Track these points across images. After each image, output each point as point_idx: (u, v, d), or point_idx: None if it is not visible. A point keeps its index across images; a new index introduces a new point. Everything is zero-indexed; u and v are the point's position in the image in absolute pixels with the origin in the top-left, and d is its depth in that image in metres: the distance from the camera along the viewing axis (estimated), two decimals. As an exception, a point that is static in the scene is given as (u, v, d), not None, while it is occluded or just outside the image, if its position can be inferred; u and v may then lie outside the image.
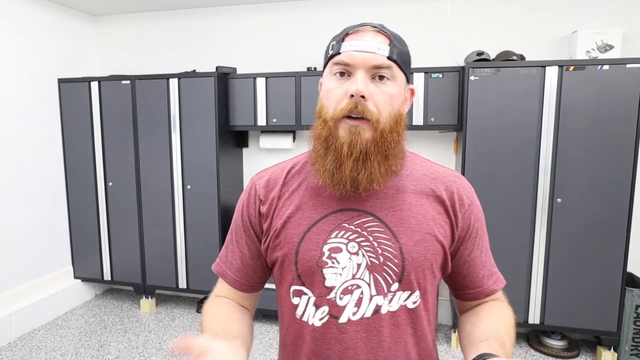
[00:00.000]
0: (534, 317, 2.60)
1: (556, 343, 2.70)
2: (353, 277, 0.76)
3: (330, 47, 0.78)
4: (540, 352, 2.70)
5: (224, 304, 0.87)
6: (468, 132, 2.56)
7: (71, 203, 3.36)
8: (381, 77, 0.74)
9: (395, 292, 0.76)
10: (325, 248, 0.77)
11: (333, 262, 0.76)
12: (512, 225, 2.57)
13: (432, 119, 2.76)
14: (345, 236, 0.77)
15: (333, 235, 0.77)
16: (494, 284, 0.86)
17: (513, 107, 2.49)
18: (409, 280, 0.76)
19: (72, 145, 3.29)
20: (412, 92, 0.84)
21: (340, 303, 0.76)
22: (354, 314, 0.75)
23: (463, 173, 2.60)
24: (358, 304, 0.75)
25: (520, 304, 2.61)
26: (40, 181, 3.15)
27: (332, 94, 0.75)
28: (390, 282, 0.76)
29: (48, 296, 3.16)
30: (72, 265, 3.44)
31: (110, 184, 3.25)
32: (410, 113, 2.78)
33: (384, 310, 0.76)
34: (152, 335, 2.95)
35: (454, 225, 0.80)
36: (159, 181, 3.15)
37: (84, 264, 3.41)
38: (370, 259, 0.76)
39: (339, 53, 0.75)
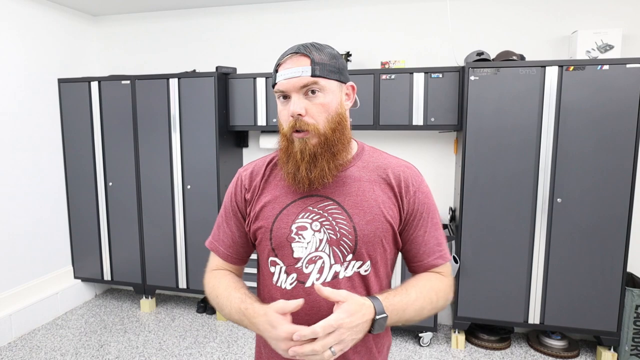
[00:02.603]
0: (534, 317, 2.60)
1: (556, 343, 2.70)
2: (316, 250, 0.93)
3: (273, 76, 0.96)
4: (540, 352, 2.70)
5: (226, 275, 1.04)
6: (468, 132, 2.56)
7: (71, 203, 3.36)
8: (313, 91, 0.91)
9: (350, 261, 0.94)
10: (294, 226, 0.95)
11: (300, 238, 0.94)
12: (512, 225, 2.57)
13: (432, 119, 2.76)
14: (310, 217, 0.95)
15: (300, 216, 0.95)
16: (434, 259, 1.00)
17: (513, 107, 2.49)
18: (360, 252, 0.94)
19: (72, 145, 3.29)
20: (353, 87, 0.99)
21: (306, 271, 0.93)
22: (317, 279, 0.93)
23: (463, 173, 2.60)
24: (320, 271, 0.93)
25: (520, 304, 2.61)
26: (40, 181, 3.15)
27: (281, 115, 0.95)
28: (346, 253, 0.93)
29: (48, 296, 3.16)
30: (72, 265, 3.44)
31: (110, 184, 3.25)
32: (410, 113, 2.78)
33: (341, 276, 0.93)
34: (152, 335, 2.95)
35: (400, 207, 0.97)
36: (159, 181, 3.15)
37: (84, 264, 3.41)
38: (330, 235, 0.93)
39: (276, 83, 0.94)
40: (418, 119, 2.77)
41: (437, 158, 3.07)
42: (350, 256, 0.93)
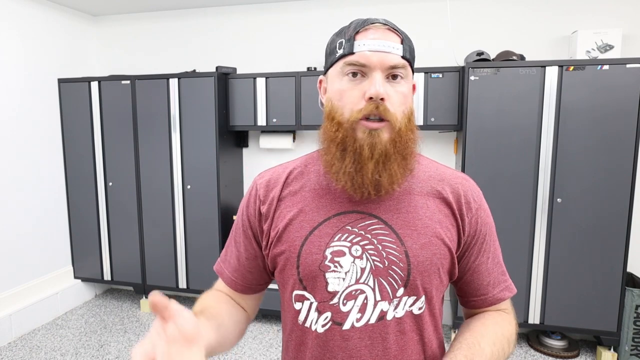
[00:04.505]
0: (534, 317, 2.60)
1: (556, 343, 2.70)
2: (357, 282, 0.73)
3: (338, 45, 0.74)
4: (540, 352, 2.70)
5: (217, 295, 0.87)
6: (468, 132, 2.56)
7: (71, 203, 3.36)
8: (394, 77, 0.72)
9: (400, 297, 0.73)
10: (328, 251, 0.74)
11: (336, 266, 0.73)
12: (512, 225, 2.57)
13: (432, 119, 2.76)
14: (349, 239, 0.74)
15: (336, 238, 0.74)
16: (500, 292, 0.82)
17: (513, 107, 2.49)
18: (414, 285, 0.73)
19: (72, 145, 3.29)
20: (414, 87, 0.81)
21: (343, 309, 0.73)
22: (358, 320, 0.73)
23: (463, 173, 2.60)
24: (362, 309, 0.73)
25: (520, 304, 2.61)
26: (40, 181, 3.15)
27: (347, 96, 0.72)
28: (396, 287, 0.73)
29: (48, 296, 3.16)
30: (72, 265, 3.44)
31: (110, 184, 3.25)
32: (410, 113, 2.77)
33: (389, 317, 0.73)
34: (152, 335, 2.95)
35: (460, 229, 0.77)
36: (159, 181, 3.15)
37: (84, 264, 3.41)
38: (375, 262, 0.73)
39: (352, 53, 0.71)
40: (418, 119, 2.77)
41: (437, 158, 3.04)
42: (401, 290, 0.73)
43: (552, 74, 2.42)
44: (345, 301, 0.73)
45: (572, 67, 2.40)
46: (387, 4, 3.06)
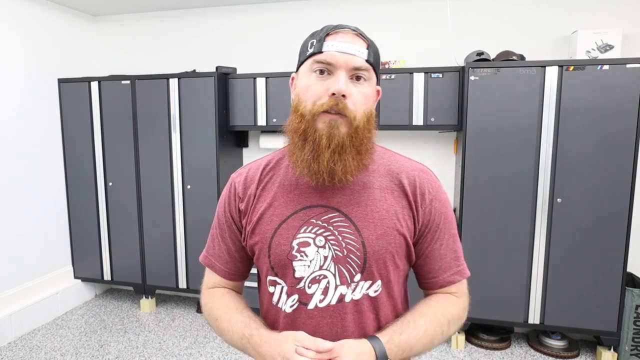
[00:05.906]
0: (534, 317, 2.60)
1: (556, 343, 2.70)
2: (320, 268, 0.83)
3: (310, 44, 0.82)
4: (540, 352, 2.70)
5: (225, 294, 0.96)
6: (468, 132, 2.56)
7: (71, 203, 3.36)
8: (358, 78, 0.80)
9: (358, 282, 0.83)
10: (295, 242, 0.83)
11: (302, 255, 0.83)
12: (512, 225, 2.57)
13: (432, 119, 2.76)
14: (313, 231, 0.83)
15: (302, 230, 0.84)
16: (450, 276, 0.90)
17: (513, 107, 2.49)
18: (370, 271, 0.83)
19: (72, 145, 3.29)
20: (378, 92, 0.88)
21: (308, 291, 0.83)
22: (321, 301, 0.83)
23: (463, 173, 2.60)
24: (324, 292, 0.83)
25: (520, 304, 2.61)
26: (40, 181, 3.15)
27: (312, 90, 0.80)
28: (354, 273, 0.82)
29: (48, 296, 3.16)
30: (72, 265, 3.44)
31: (110, 184, 3.25)
32: (410, 113, 2.78)
33: (347, 299, 0.83)
34: (152, 335, 2.95)
35: (415, 218, 0.86)
36: (159, 181, 3.15)
37: (84, 264, 3.41)
38: (336, 251, 0.82)
39: (321, 52, 0.79)
40: (418, 119, 2.77)
41: (437, 158, 3.07)
42: (358, 276, 0.82)
43: (552, 74, 2.42)
44: (310, 285, 0.83)
45: (572, 67, 2.40)
46: (387, 4, 3.06)
